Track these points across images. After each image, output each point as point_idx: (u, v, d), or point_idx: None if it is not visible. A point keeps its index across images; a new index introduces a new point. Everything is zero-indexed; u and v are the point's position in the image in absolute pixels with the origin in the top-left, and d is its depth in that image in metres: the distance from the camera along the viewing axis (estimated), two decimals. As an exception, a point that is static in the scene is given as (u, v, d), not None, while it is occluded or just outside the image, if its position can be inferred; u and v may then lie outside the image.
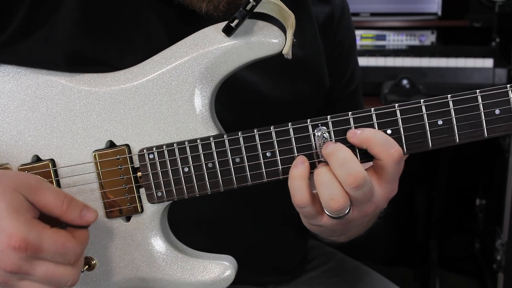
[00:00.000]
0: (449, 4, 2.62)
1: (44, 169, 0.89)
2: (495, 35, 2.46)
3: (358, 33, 2.50)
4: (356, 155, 0.81)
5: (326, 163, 0.80)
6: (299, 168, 0.81)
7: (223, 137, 0.84)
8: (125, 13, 0.94)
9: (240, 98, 1.01)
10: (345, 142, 0.81)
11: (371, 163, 0.82)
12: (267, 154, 0.83)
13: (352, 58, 1.22)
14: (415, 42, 2.65)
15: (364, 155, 0.81)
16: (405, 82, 2.11)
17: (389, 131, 0.80)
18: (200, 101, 0.86)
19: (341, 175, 0.78)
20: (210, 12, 0.90)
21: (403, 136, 0.80)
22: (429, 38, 2.64)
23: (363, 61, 2.23)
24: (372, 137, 0.79)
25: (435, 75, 2.19)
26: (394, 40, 2.65)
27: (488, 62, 2.18)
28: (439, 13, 2.61)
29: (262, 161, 0.83)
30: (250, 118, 1.00)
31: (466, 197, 2.80)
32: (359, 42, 2.60)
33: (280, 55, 0.82)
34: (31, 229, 0.75)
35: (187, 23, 0.93)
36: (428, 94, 2.07)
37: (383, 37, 2.65)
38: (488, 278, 2.48)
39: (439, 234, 2.82)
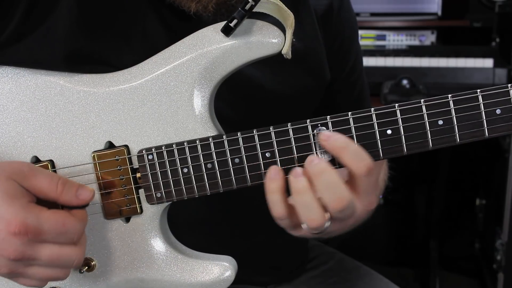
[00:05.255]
0: (449, 4, 2.63)
1: (43, 170, 0.89)
2: (495, 35, 2.47)
3: (358, 33, 2.49)
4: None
5: (303, 174, 0.78)
6: (275, 183, 0.79)
7: (222, 138, 0.83)
8: (121, 11, 0.94)
9: (240, 93, 1.01)
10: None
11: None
12: (266, 154, 0.83)
13: (354, 49, 1.21)
14: (415, 42, 2.65)
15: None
16: (405, 82, 2.11)
17: (389, 131, 0.80)
18: (199, 102, 0.85)
19: (326, 198, 0.77)
20: (200, 12, 0.90)
21: (403, 136, 0.80)
22: (429, 38, 2.64)
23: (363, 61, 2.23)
24: (343, 147, 0.78)
25: (435, 75, 2.19)
26: (394, 40, 2.65)
27: (488, 62, 2.18)
28: (439, 13, 2.61)
29: (261, 161, 0.83)
30: (250, 112, 1.00)
31: (466, 197, 2.80)
32: (359, 42, 2.60)
33: (279, 55, 0.82)
34: (28, 213, 0.74)
35: (184, 20, 0.93)
36: (428, 94, 2.07)
37: (383, 37, 2.65)
38: (488, 278, 2.47)
39: (439, 234, 2.82)
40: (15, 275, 0.78)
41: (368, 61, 2.24)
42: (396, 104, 0.80)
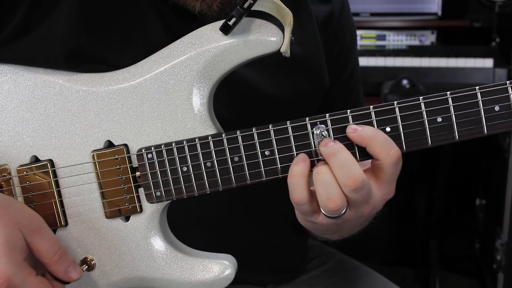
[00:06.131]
0: (449, 4, 2.63)
1: (42, 169, 0.89)
2: (495, 35, 2.47)
3: (358, 33, 2.48)
4: (355, 152, 0.80)
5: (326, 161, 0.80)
6: (300, 165, 0.81)
7: (222, 136, 0.84)
8: (122, 10, 0.94)
9: (239, 96, 1.01)
10: (344, 140, 0.81)
11: (368, 162, 0.82)
12: (265, 152, 0.83)
13: (352, 56, 1.21)
14: (415, 42, 2.65)
15: (362, 153, 0.81)
16: (405, 82, 2.11)
17: (388, 129, 0.80)
18: (198, 100, 0.85)
19: (340, 177, 0.78)
20: (204, 11, 0.90)
21: (402, 133, 0.80)
22: (429, 38, 2.65)
23: (363, 61, 2.23)
24: (373, 136, 0.79)
25: (435, 75, 2.19)
26: (394, 40, 2.65)
27: (488, 62, 2.18)
28: (439, 13, 2.61)
29: (261, 159, 0.83)
30: (250, 116, 1.00)
31: (466, 197, 2.80)
32: (359, 42, 2.60)
33: (278, 53, 0.82)
34: (18, 271, 0.77)
35: (185, 20, 0.93)
36: (428, 94, 2.07)
37: (383, 37, 2.65)
38: (488, 278, 2.47)
39: (439, 234, 2.82)
40: None
41: (368, 61, 2.24)
42: (395, 102, 0.80)
